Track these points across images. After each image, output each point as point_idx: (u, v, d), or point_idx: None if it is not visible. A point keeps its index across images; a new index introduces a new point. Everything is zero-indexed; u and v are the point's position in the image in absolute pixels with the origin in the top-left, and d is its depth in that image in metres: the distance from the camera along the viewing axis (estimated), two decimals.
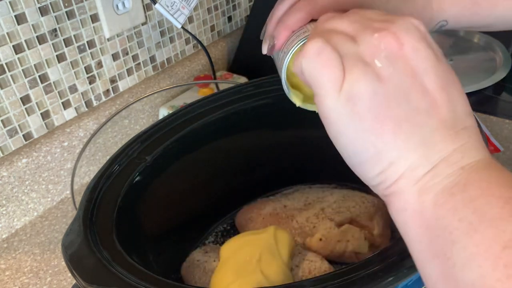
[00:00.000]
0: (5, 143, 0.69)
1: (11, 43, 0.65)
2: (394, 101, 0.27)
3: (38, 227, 0.72)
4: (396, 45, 0.27)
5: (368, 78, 0.27)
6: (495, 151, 0.75)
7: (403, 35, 0.28)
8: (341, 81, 0.27)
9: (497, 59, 0.98)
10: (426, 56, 0.28)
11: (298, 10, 0.41)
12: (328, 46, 0.28)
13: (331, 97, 0.28)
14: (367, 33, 0.28)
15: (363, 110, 0.27)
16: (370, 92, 0.27)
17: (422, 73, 0.27)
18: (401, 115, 0.27)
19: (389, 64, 0.27)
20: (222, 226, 0.63)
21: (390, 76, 0.27)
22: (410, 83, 0.27)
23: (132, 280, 0.37)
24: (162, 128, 0.55)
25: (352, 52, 0.28)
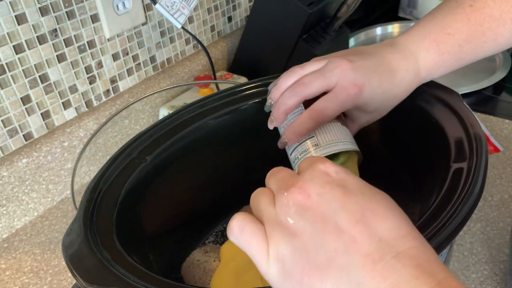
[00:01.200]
0: (5, 143, 0.69)
1: (12, 43, 0.65)
2: (312, 249, 0.27)
3: (39, 227, 0.72)
4: (302, 197, 0.28)
5: (286, 238, 0.28)
6: (495, 151, 0.75)
7: (308, 186, 0.29)
8: (267, 248, 0.29)
9: (497, 59, 0.98)
10: (332, 198, 0.28)
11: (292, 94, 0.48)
12: (248, 220, 0.30)
13: (263, 264, 0.29)
14: (280, 193, 0.30)
15: (290, 268, 0.28)
16: (291, 249, 0.28)
17: (332, 215, 0.27)
18: (323, 261, 0.27)
19: (299, 218, 0.28)
20: (222, 226, 0.63)
21: (303, 228, 0.28)
22: (322, 227, 0.27)
23: (132, 280, 0.37)
24: (162, 128, 0.55)
25: (271, 216, 0.29)
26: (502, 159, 0.74)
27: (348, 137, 0.49)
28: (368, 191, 0.29)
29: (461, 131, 0.46)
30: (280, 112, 0.48)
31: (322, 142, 0.47)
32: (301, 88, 0.47)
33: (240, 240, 0.30)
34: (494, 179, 0.70)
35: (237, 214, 0.31)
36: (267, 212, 0.30)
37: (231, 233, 0.31)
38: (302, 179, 0.29)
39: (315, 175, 0.29)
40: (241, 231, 0.30)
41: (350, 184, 0.29)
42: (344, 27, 0.99)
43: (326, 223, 0.27)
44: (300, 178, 0.30)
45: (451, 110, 0.50)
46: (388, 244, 0.26)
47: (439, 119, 0.49)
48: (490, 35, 0.49)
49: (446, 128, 0.48)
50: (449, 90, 0.53)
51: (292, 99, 0.48)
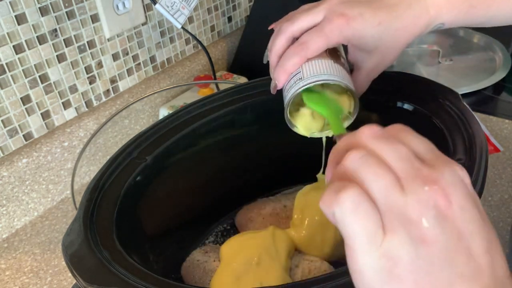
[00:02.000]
0: (5, 143, 0.69)
1: (12, 43, 0.65)
2: (438, 265, 0.25)
3: (39, 227, 0.72)
4: (444, 203, 0.25)
5: (412, 240, 0.25)
6: (495, 151, 0.75)
7: (451, 191, 0.25)
8: (380, 238, 0.25)
9: (497, 59, 0.98)
10: (472, 218, 0.25)
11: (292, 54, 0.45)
12: (366, 198, 0.25)
13: (367, 254, 0.25)
14: (417, 183, 0.25)
15: (403, 273, 0.25)
16: (413, 255, 0.25)
17: (468, 236, 0.25)
18: (444, 281, 0.24)
19: (437, 225, 0.25)
20: (222, 226, 0.63)
21: (437, 238, 0.25)
22: (456, 246, 0.25)
23: (132, 280, 0.37)
24: (162, 128, 0.55)
25: (398, 206, 0.25)
26: (502, 159, 0.74)
27: (340, 73, 0.45)
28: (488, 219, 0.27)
29: (461, 131, 0.46)
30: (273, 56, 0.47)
31: (306, 74, 0.44)
32: (286, 24, 0.45)
33: (349, 216, 0.26)
34: (494, 179, 0.70)
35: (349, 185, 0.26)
36: (393, 198, 0.25)
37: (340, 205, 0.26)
38: (443, 178, 0.26)
39: (456, 180, 0.26)
40: (355, 208, 0.25)
41: (480, 206, 0.27)
42: None
43: (460, 243, 0.25)
44: (439, 175, 0.26)
45: (451, 110, 0.50)
46: (502, 282, 0.25)
47: (439, 119, 0.49)
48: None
49: (446, 128, 0.48)
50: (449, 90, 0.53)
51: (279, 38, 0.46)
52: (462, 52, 1.01)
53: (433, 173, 0.26)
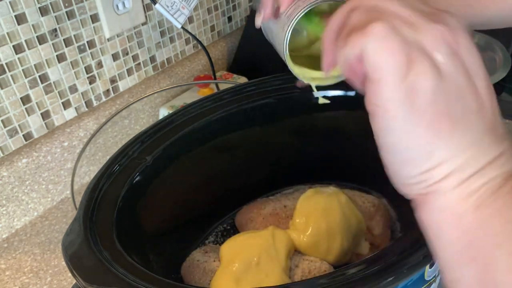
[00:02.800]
0: (5, 143, 0.69)
1: (11, 43, 0.65)
2: (453, 99, 0.27)
3: (38, 227, 0.72)
4: (453, 41, 0.27)
5: (434, 73, 0.26)
6: None
7: (458, 33, 0.27)
8: (406, 70, 0.26)
9: (497, 59, 0.97)
10: (476, 60, 0.28)
11: None
12: (395, 32, 0.26)
13: (393, 87, 0.26)
14: (428, 23, 0.27)
15: (424, 105, 0.26)
16: (434, 86, 0.26)
17: (474, 74, 0.27)
18: (458, 113, 0.27)
19: (450, 59, 0.27)
20: (222, 226, 0.63)
21: (450, 72, 0.27)
22: (466, 82, 0.27)
23: (132, 280, 0.37)
24: (162, 128, 0.55)
25: (416, 41, 0.26)
26: None
27: None
28: None
29: None
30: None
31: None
32: None
33: (380, 46, 0.26)
34: None
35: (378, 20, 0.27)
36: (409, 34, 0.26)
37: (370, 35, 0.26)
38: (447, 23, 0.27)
39: (458, 25, 0.28)
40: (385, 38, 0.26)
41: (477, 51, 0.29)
42: None
43: (469, 80, 0.27)
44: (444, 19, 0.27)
45: None
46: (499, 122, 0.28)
47: None
48: None
49: None
50: None
51: None
52: None
53: (439, 17, 0.27)
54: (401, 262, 0.34)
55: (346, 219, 0.52)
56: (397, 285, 0.35)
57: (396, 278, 0.34)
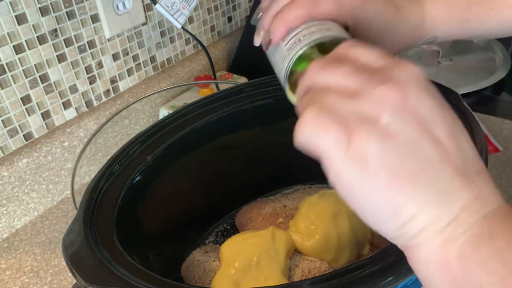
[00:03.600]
0: (5, 143, 0.69)
1: (12, 43, 0.65)
2: (407, 155, 0.26)
3: (39, 227, 0.72)
4: (400, 97, 0.26)
5: (376, 137, 0.26)
6: (495, 151, 0.75)
7: (406, 86, 0.27)
8: (346, 144, 0.26)
9: (497, 59, 0.98)
10: (431, 105, 0.27)
11: (298, 7, 0.40)
12: (326, 110, 0.27)
13: (339, 161, 0.27)
14: (369, 87, 0.27)
15: (376, 169, 0.26)
16: (380, 150, 0.26)
17: (430, 122, 0.27)
18: (416, 168, 0.26)
19: (397, 118, 0.26)
20: (222, 226, 0.63)
21: (399, 130, 0.26)
22: (420, 134, 0.26)
23: (132, 280, 0.37)
24: (162, 128, 0.55)
25: (355, 112, 0.27)
26: (502, 159, 0.74)
27: None
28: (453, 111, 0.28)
29: None
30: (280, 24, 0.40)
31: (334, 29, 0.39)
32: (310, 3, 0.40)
33: (314, 131, 0.27)
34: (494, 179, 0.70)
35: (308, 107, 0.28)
36: (346, 106, 0.27)
37: (303, 124, 0.28)
38: (395, 78, 0.27)
39: (410, 77, 0.27)
40: (316, 121, 0.27)
41: (440, 98, 0.28)
42: None
43: (424, 131, 0.26)
44: (392, 74, 0.27)
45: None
46: (471, 162, 0.27)
47: None
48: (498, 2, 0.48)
49: None
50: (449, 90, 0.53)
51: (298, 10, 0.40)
52: (462, 52, 1.01)
53: (385, 75, 0.27)
54: (401, 262, 0.34)
55: (353, 228, 0.52)
56: (396, 285, 0.35)
57: (396, 278, 0.34)
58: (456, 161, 0.27)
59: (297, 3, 0.41)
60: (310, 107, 0.28)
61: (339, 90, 0.28)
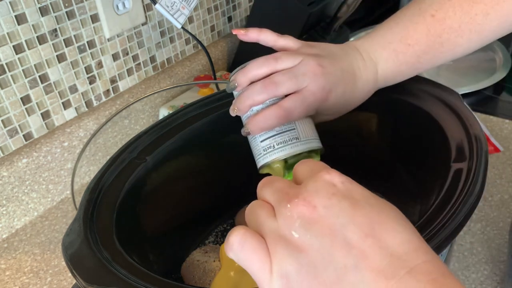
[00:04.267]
0: (5, 143, 0.69)
1: (12, 43, 0.65)
2: (320, 266, 0.26)
3: (38, 227, 0.72)
4: (307, 210, 0.27)
5: (291, 253, 0.26)
6: (495, 151, 0.75)
7: (313, 197, 0.27)
8: (269, 265, 0.27)
9: (497, 59, 0.98)
10: (339, 210, 0.26)
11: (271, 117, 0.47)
12: (249, 235, 0.28)
13: (266, 282, 0.27)
14: (282, 205, 0.28)
15: (296, 285, 0.26)
16: (296, 265, 0.26)
17: (340, 228, 0.26)
18: (332, 278, 0.25)
19: (305, 231, 0.26)
20: (222, 226, 0.63)
21: (309, 243, 0.26)
22: (330, 242, 0.26)
23: (132, 280, 0.37)
24: (162, 128, 0.55)
25: (273, 230, 0.28)
26: (502, 159, 0.74)
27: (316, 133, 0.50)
28: (375, 203, 0.27)
29: (461, 131, 0.46)
30: (246, 105, 0.48)
31: (302, 136, 0.48)
32: (272, 86, 0.47)
33: (240, 256, 0.28)
34: (494, 179, 0.70)
35: (236, 228, 0.29)
36: (268, 226, 0.28)
37: (231, 249, 0.29)
38: (306, 190, 0.28)
39: (320, 186, 0.28)
40: (242, 247, 0.28)
41: (357, 195, 0.27)
42: (344, 27, 0.99)
43: (334, 238, 0.26)
44: (302, 189, 0.28)
45: (451, 110, 0.50)
46: (400, 259, 0.25)
47: (439, 119, 0.49)
48: (448, 46, 0.50)
49: (446, 128, 0.48)
50: (449, 90, 0.53)
51: (261, 96, 0.47)
52: None
53: (298, 190, 0.28)
54: None
55: None
56: None
57: None
58: (377, 263, 0.25)
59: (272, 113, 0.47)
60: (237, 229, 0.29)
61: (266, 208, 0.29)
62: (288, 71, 0.48)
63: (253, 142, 0.50)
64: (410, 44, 0.50)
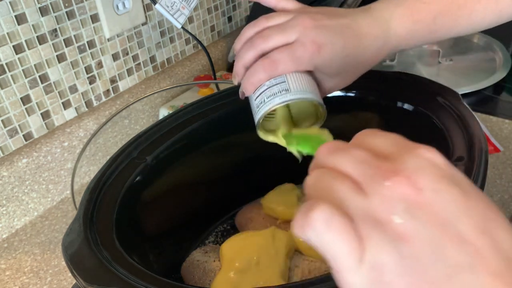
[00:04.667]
0: (5, 143, 0.69)
1: (12, 43, 0.65)
2: (428, 261, 0.22)
3: (38, 227, 0.72)
4: (413, 192, 0.23)
5: (391, 241, 0.22)
6: (495, 151, 0.75)
7: (419, 177, 0.23)
8: (360, 252, 0.23)
9: (497, 59, 0.98)
10: (451, 197, 0.23)
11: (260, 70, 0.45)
12: (337, 213, 0.24)
13: (352, 272, 0.23)
14: (376, 181, 0.24)
15: (393, 278, 0.22)
16: (397, 257, 0.22)
17: (452, 219, 0.22)
18: (440, 276, 0.22)
19: (411, 217, 0.22)
20: (222, 226, 0.63)
21: (415, 231, 0.22)
22: (440, 233, 0.22)
23: (132, 280, 0.37)
24: (162, 128, 0.55)
25: (364, 211, 0.23)
26: (502, 159, 0.74)
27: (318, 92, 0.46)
28: (483, 195, 0.24)
29: (461, 131, 0.46)
30: (239, 66, 0.47)
31: (293, 87, 0.44)
32: (259, 41, 0.45)
33: (325, 237, 0.23)
34: (494, 179, 0.70)
35: (317, 202, 0.24)
36: (356, 204, 0.23)
37: (312, 228, 0.24)
38: (406, 168, 0.23)
39: (423, 164, 0.24)
40: (328, 226, 0.23)
41: (463, 182, 0.24)
42: None
43: (446, 229, 0.22)
44: (401, 165, 0.24)
45: (451, 110, 0.50)
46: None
47: (439, 119, 0.49)
48: (465, 11, 0.48)
49: (446, 128, 0.48)
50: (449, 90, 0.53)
51: (250, 53, 0.45)
52: (462, 52, 1.01)
53: (394, 165, 0.24)
54: None
55: None
56: None
57: None
58: (493, 263, 0.21)
59: (259, 65, 0.45)
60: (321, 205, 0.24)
61: (347, 181, 0.25)
62: (277, 25, 0.46)
63: (251, 105, 0.48)
64: (426, 3, 0.48)
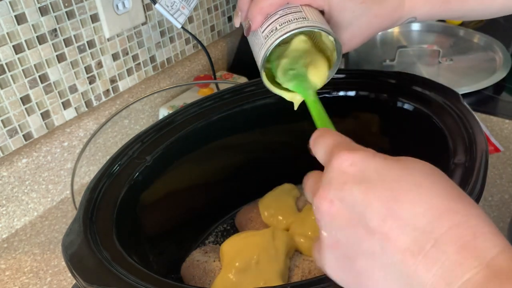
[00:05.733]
0: (5, 143, 0.69)
1: (11, 43, 0.65)
2: (353, 257, 0.26)
3: (38, 227, 0.72)
4: (327, 206, 0.27)
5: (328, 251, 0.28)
6: (495, 151, 0.75)
7: (328, 191, 0.27)
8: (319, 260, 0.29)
9: (497, 59, 0.98)
10: (353, 200, 0.26)
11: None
12: None
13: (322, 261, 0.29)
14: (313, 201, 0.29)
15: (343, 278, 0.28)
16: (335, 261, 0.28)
17: (359, 218, 0.26)
18: (366, 265, 0.26)
19: (330, 228, 0.27)
20: (222, 226, 0.63)
21: (337, 238, 0.27)
22: (354, 233, 0.26)
23: (132, 280, 0.37)
24: (162, 128, 0.55)
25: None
26: (502, 159, 0.74)
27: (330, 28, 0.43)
28: (389, 176, 0.26)
29: (461, 131, 0.46)
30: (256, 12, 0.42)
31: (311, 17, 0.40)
32: None
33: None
34: (494, 179, 0.70)
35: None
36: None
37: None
38: (323, 184, 0.28)
39: (332, 176, 0.27)
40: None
41: (370, 172, 0.26)
42: None
43: (356, 228, 0.26)
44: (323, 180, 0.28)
45: (451, 110, 0.50)
46: (424, 231, 0.24)
47: (439, 119, 0.49)
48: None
49: (446, 128, 0.48)
50: (449, 90, 0.53)
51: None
52: (462, 52, 1.01)
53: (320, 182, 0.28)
54: None
55: None
56: None
57: None
58: (402, 242, 0.24)
59: None
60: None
61: None
62: None
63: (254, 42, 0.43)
64: None
